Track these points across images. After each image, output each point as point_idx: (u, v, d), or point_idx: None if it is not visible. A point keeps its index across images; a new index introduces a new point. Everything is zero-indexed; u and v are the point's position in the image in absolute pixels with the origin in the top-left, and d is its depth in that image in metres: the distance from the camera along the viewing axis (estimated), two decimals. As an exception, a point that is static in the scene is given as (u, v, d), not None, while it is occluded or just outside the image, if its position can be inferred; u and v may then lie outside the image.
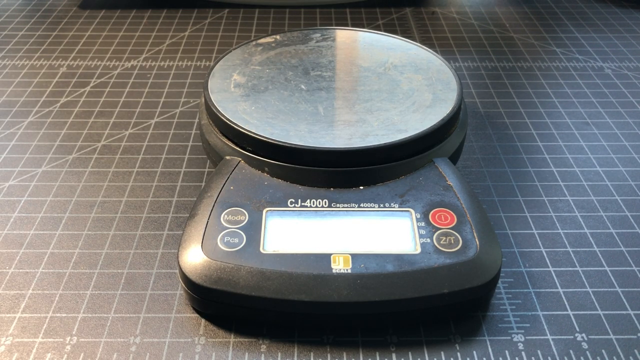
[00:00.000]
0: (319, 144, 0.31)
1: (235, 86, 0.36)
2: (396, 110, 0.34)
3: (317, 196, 0.30)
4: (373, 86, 0.37)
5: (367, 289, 0.27)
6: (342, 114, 0.34)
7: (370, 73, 0.38)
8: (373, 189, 0.31)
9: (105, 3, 0.63)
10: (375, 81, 0.37)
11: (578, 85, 0.48)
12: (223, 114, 0.33)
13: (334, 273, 0.27)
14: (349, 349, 0.27)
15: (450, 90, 0.36)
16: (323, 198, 0.30)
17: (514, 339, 0.28)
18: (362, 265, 0.27)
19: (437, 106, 0.34)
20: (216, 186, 0.31)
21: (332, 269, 0.27)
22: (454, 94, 0.35)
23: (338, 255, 0.28)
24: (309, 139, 0.31)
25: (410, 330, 0.28)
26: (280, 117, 0.33)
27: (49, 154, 0.40)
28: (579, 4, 0.63)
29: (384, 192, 0.31)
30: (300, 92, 0.36)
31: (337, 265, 0.27)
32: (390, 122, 0.33)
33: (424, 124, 0.33)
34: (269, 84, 0.36)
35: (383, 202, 0.30)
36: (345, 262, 0.27)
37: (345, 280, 0.27)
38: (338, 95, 0.36)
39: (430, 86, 0.36)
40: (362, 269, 0.27)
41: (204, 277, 0.27)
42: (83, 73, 0.50)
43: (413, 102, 0.35)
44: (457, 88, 0.36)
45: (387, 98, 0.35)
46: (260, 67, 0.38)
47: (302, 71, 0.38)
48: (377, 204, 0.30)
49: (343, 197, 0.30)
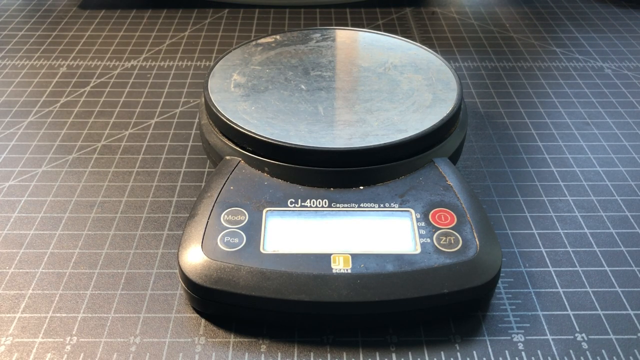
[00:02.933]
0: (318, 144, 0.31)
1: (235, 86, 0.36)
2: (396, 110, 0.34)
3: (317, 196, 0.30)
4: (373, 86, 0.37)
5: (367, 289, 0.27)
6: (342, 114, 0.34)
7: (370, 73, 0.38)
8: (373, 189, 0.31)
9: (105, 3, 0.63)
10: (375, 81, 0.37)
11: (578, 85, 0.48)
12: (223, 114, 0.33)
13: (334, 273, 0.27)
14: (349, 349, 0.27)
15: (450, 90, 0.36)
16: (323, 198, 0.30)
17: (514, 339, 0.28)
18: (362, 265, 0.27)
19: (437, 106, 0.34)
20: (216, 186, 0.31)
21: (332, 269, 0.27)
22: (454, 94, 0.35)
23: (338, 255, 0.28)
24: (308, 139, 0.31)
25: (410, 330, 0.28)
26: (280, 117, 0.33)
27: (49, 154, 0.40)
28: (579, 4, 0.63)
29: (384, 192, 0.31)
30: (300, 92, 0.36)
31: (337, 265, 0.27)
32: (390, 122, 0.33)
33: (424, 124, 0.33)
34: (269, 84, 0.36)
35: (383, 202, 0.30)
36: (345, 262, 0.27)
37: (345, 280, 0.27)
38: (338, 95, 0.36)
39: (430, 86, 0.36)
40: (362, 269, 0.27)
41: (204, 277, 0.27)
42: (83, 73, 0.50)
43: (413, 102, 0.35)
44: (457, 88, 0.36)
45: (387, 98, 0.35)
46: (260, 67, 0.38)
47: (302, 71, 0.38)
48: (377, 204, 0.30)
49: (343, 197, 0.30)
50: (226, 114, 0.33)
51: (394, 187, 0.31)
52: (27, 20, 0.60)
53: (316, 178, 0.31)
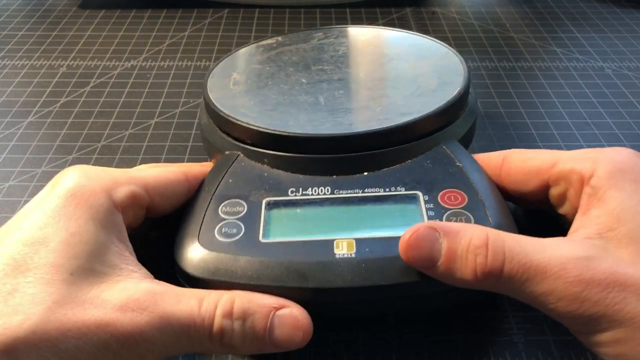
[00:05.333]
0: (318, 130, 0.30)
1: (234, 84, 0.36)
2: (400, 95, 0.33)
3: (319, 184, 0.29)
4: (376, 75, 0.36)
5: (373, 273, 0.25)
6: (344, 102, 0.33)
7: (373, 63, 0.37)
8: (378, 174, 0.30)
9: (105, 3, 0.63)
10: (379, 70, 0.36)
11: (578, 85, 0.48)
12: (220, 110, 0.33)
13: (337, 258, 0.26)
14: (349, 350, 0.27)
15: (456, 75, 0.35)
16: (325, 186, 0.29)
17: (514, 339, 0.28)
18: (367, 249, 0.26)
19: (443, 89, 0.33)
20: (214, 180, 0.30)
21: (336, 254, 0.26)
22: (461, 78, 0.34)
23: (341, 241, 0.27)
24: (308, 127, 0.31)
25: (410, 331, 0.28)
26: (279, 109, 0.33)
27: (49, 154, 0.40)
28: (579, 4, 0.63)
29: (389, 177, 0.30)
30: (301, 85, 0.35)
31: (340, 250, 0.26)
32: (394, 106, 0.32)
33: (428, 106, 0.32)
34: (268, 80, 0.36)
35: (388, 186, 0.29)
36: (349, 246, 0.26)
37: (349, 265, 0.26)
38: (339, 85, 0.35)
39: (435, 72, 0.35)
40: (367, 253, 0.26)
41: (201, 268, 0.26)
42: (83, 73, 0.50)
43: (418, 87, 0.34)
44: (464, 72, 0.35)
45: (391, 85, 0.34)
46: (261, 65, 0.38)
47: (303, 66, 0.37)
48: (382, 188, 0.29)
49: (346, 183, 0.29)
50: (224, 109, 0.33)
51: (400, 171, 0.30)
52: (27, 20, 0.60)
53: (317, 166, 0.30)
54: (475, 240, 0.24)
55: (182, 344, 0.23)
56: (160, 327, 0.23)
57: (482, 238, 0.24)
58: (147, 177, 0.28)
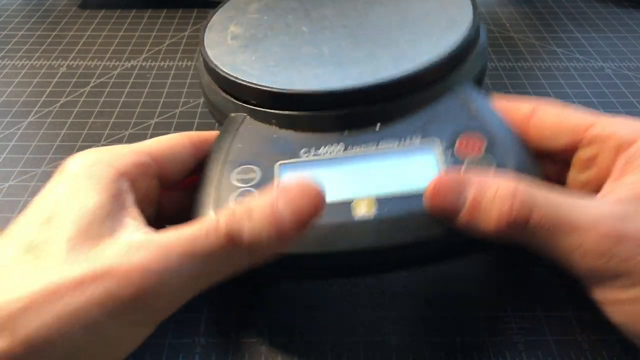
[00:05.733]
0: (326, 86, 0.29)
1: (232, 38, 0.34)
2: (407, 39, 0.32)
3: (331, 141, 0.28)
4: (381, 20, 0.34)
5: (396, 232, 0.25)
6: (349, 51, 0.32)
7: (377, 7, 0.36)
8: (391, 127, 0.28)
9: (105, 3, 0.63)
10: (383, 14, 0.35)
11: (578, 85, 0.48)
12: (222, 69, 0.31)
13: (356, 220, 0.25)
14: (350, 350, 0.27)
15: (464, 14, 0.33)
16: (338, 143, 0.28)
17: (514, 339, 0.28)
18: (387, 208, 0.25)
19: (451, 29, 0.32)
20: (223, 146, 0.29)
21: (354, 216, 0.25)
22: (469, 16, 0.33)
23: (360, 201, 0.26)
24: (314, 82, 0.29)
25: (410, 331, 0.28)
26: (283, 64, 0.31)
27: (49, 154, 0.40)
28: (579, 4, 0.63)
29: (403, 128, 0.28)
30: (303, 35, 0.33)
31: (360, 210, 0.26)
32: (402, 52, 0.31)
33: (437, 48, 0.30)
34: (268, 31, 0.34)
35: (403, 137, 0.28)
36: (368, 206, 0.26)
37: (370, 226, 0.25)
38: (343, 33, 0.33)
39: (442, 11, 0.34)
40: (388, 212, 0.25)
41: None
42: (83, 73, 0.50)
43: (426, 27, 0.32)
44: (471, 10, 0.33)
45: (397, 29, 0.33)
46: (259, 14, 0.36)
47: (304, 13, 0.35)
48: (397, 141, 0.28)
49: (359, 139, 0.28)
50: (225, 69, 0.31)
51: (414, 121, 0.28)
52: (27, 20, 0.60)
53: (327, 123, 0.29)
54: (501, 190, 0.24)
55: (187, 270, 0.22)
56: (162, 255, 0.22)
57: (509, 188, 0.24)
58: (151, 145, 0.28)
